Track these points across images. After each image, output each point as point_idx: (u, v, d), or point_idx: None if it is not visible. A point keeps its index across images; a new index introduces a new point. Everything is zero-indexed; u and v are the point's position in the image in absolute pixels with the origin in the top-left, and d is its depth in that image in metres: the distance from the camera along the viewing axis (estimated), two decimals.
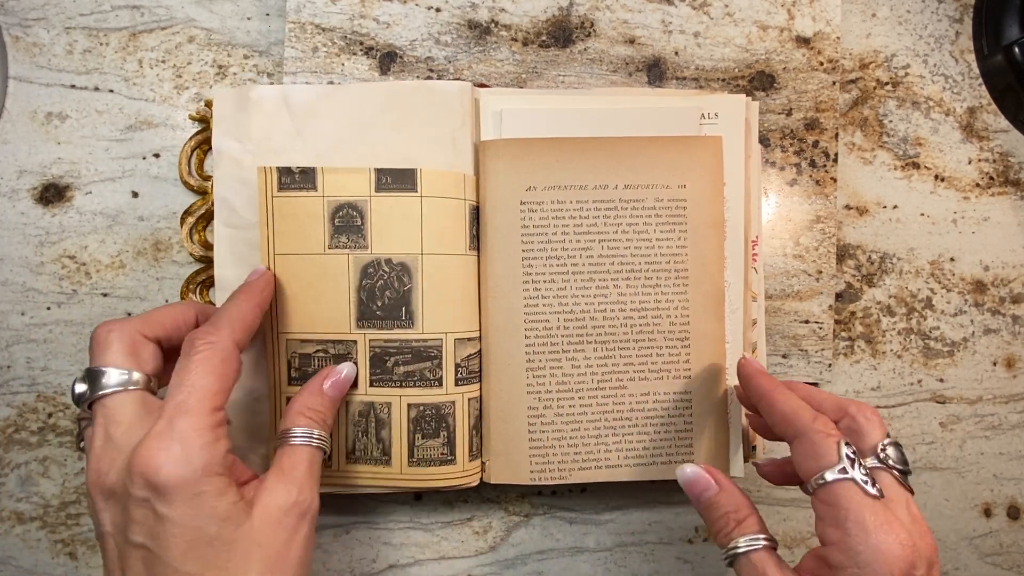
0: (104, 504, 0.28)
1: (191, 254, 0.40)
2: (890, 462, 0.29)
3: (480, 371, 0.38)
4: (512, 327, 0.38)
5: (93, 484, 0.28)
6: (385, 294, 0.36)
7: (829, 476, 0.28)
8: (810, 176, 0.42)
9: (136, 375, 0.29)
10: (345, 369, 0.36)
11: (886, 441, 0.30)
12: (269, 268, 0.36)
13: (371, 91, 0.38)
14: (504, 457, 0.38)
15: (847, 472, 0.27)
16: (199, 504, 0.27)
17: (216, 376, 0.29)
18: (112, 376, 0.29)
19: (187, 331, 0.32)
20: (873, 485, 0.27)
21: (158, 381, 0.31)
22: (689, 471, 0.32)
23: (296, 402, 0.33)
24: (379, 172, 0.36)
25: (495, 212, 0.38)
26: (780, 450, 0.43)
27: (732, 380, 0.39)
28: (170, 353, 0.32)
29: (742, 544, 0.29)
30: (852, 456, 0.28)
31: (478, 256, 0.38)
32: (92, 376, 0.29)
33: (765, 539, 0.29)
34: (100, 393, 0.29)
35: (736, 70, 0.42)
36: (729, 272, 0.39)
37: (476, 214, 0.38)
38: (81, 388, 0.29)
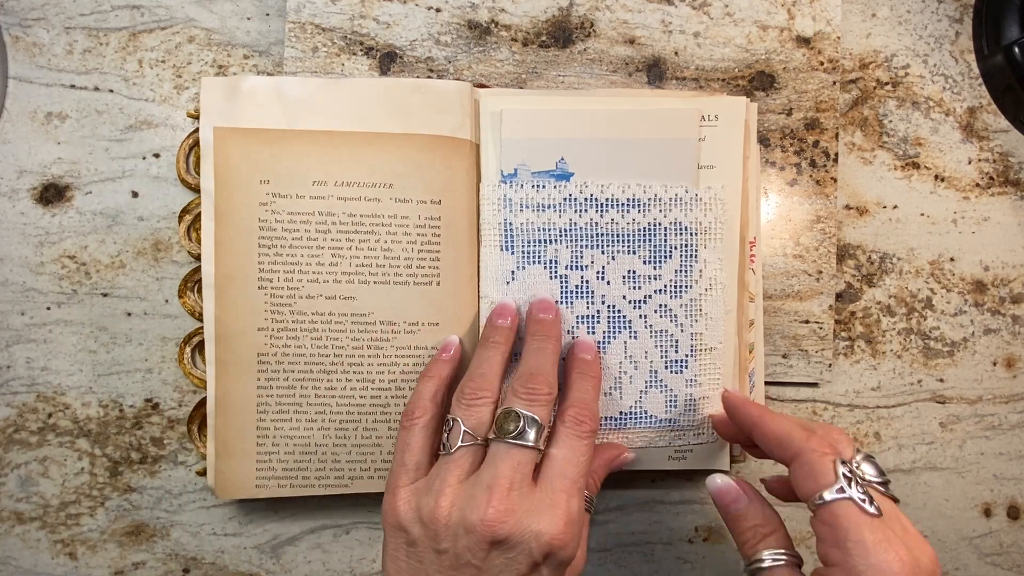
0: (483, 546, 0.28)
1: (189, 252, 0.40)
2: (867, 477, 0.29)
3: None
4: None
5: (493, 522, 0.28)
6: None
7: (828, 496, 0.27)
8: (810, 176, 0.42)
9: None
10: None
11: (859, 458, 0.29)
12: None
13: (368, 87, 0.37)
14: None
15: (845, 491, 0.27)
16: None
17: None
18: (538, 430, 0.31)
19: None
20: (871, 503, 0.27)
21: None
22: (719, 481, 0.33)
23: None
24: None
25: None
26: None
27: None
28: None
29: (766, 558, 0.29)
30: (849, 475, 0.28)
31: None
32: (537, 425, 0.31)
33: (789, 555, 0.29)
34: (530, 443, 0.30)
35: (736, 70, 0.42)
36: (724, 273, 0.39)
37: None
38: (533, 432, 0.30)
